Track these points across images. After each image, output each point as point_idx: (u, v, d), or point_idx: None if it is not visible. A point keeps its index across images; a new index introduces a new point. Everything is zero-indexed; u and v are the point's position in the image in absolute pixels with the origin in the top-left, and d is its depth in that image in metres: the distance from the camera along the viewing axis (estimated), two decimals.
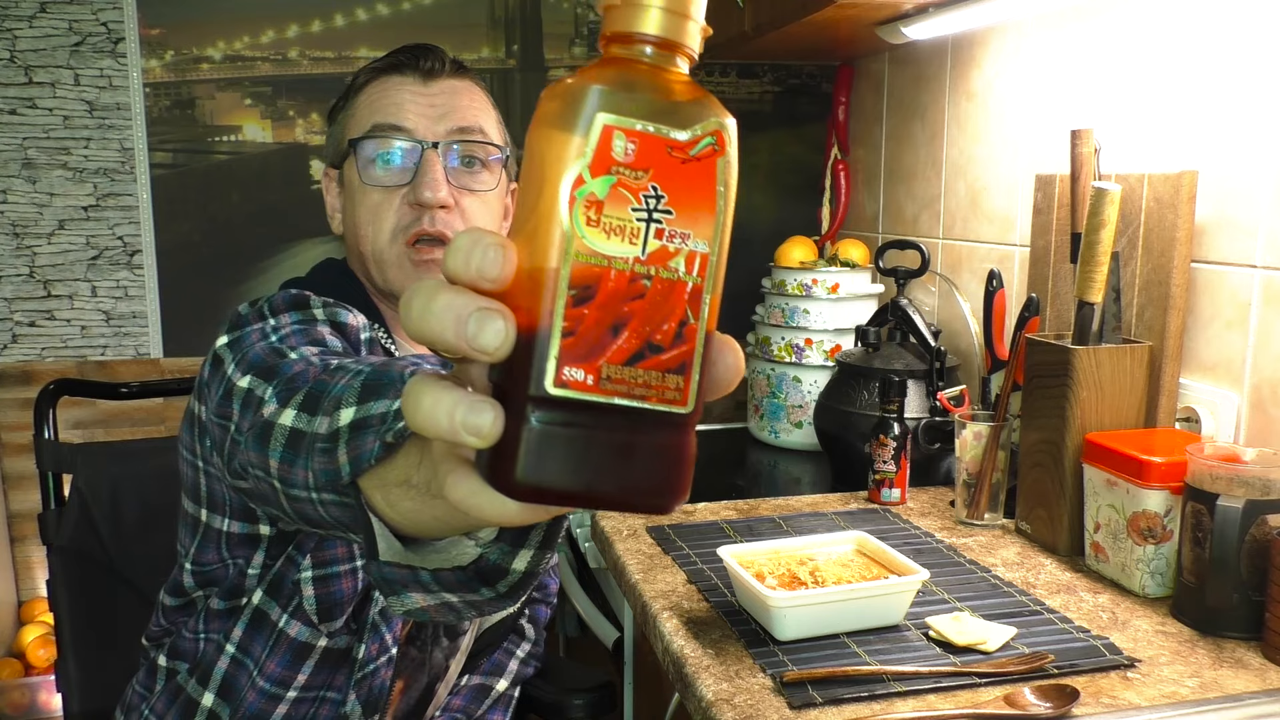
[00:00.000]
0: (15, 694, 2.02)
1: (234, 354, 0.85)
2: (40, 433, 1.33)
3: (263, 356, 0.81)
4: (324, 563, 0.93)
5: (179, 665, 1.02)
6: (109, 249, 2.12)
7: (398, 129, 0.98)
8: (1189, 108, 1.27)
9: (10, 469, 2.13)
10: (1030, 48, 1.59)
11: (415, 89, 1.00)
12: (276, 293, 0.94)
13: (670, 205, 0.36)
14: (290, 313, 0.88)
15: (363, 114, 1.01)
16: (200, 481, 0.97)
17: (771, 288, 1.97)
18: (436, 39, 2.20)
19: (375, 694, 0.97)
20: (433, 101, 0.99)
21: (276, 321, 0.87)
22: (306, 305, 0.91)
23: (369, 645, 0.96)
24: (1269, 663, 0.95)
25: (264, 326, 0.87)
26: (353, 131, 1.01)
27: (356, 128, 1.01)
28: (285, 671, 0.95)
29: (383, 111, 0.99)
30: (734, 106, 2.35)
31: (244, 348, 0.85)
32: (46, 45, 2.03)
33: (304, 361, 0.77)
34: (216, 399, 0.84)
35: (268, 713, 0.96)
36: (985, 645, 0.96)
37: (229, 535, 0.97)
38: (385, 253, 0.99)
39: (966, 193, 1.79)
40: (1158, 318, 1.25)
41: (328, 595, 0.93)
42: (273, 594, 0.95)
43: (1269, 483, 0.98)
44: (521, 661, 1.26)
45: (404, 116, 0.98)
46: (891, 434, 1.40)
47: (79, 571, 1.31)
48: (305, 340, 0.84)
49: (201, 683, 0.99)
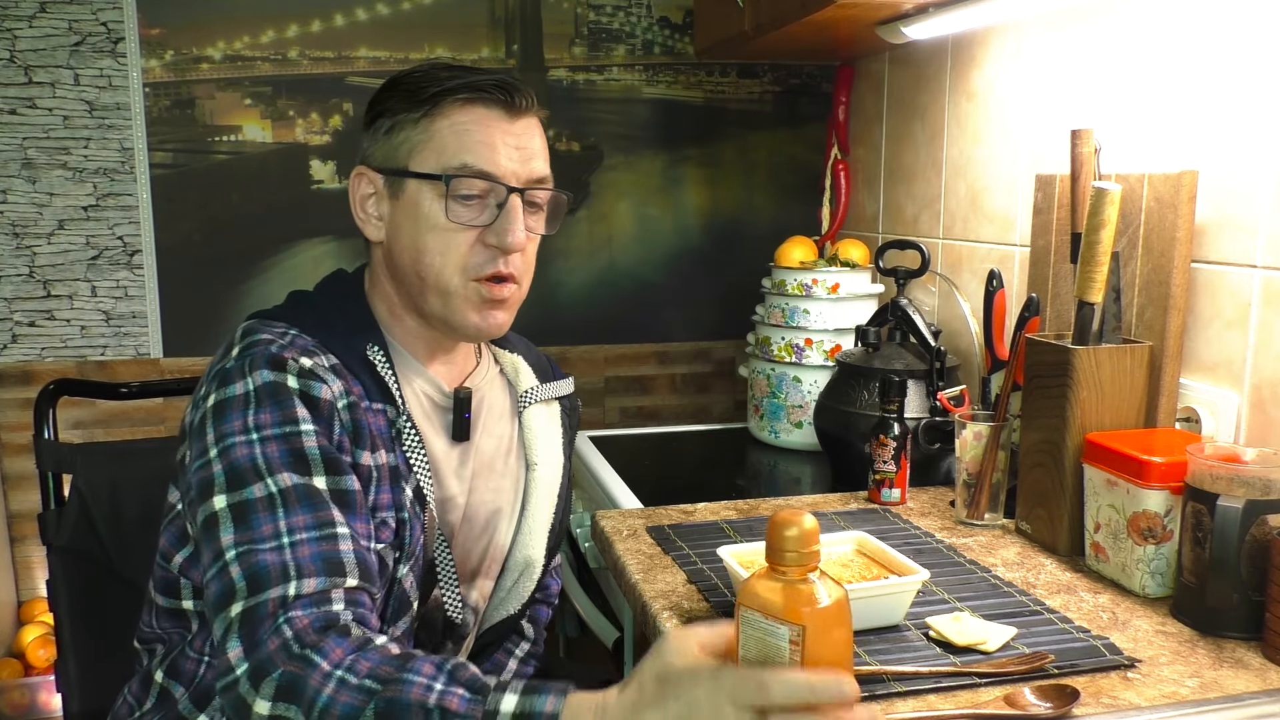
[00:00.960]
0: (15, 694, 2.02)
1: (217, 428, 0.92)
2: (40, 433, 1.33)
3: (241, 471, 0.90)
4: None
5: (174, 686, 1.02)
6: (109, 249, 2.12)
7: (492, 176, 1.00)
8: (1189, 108, 1.27)
9: (10, 469, 2.13)
10: (1030, 48, 1.59)
11: (504, 126, 1.01)
12: (258, 345, 0.96)
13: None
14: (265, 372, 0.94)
15: (450, 144, 1.00)
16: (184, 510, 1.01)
17: (771, 288, 1.97)
18: (436, 39, 2.22)
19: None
20: (519, 143, 1.02)
21: (258, 414, 0.92)
22: (283, 369, 0.94)
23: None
24: (1269, 663, 0.95)
25: (245, 417, 0.92)
26: (434, 158, 1.00)
27: (441, 156, 1.00)
28: None
29: (474, 151, 0.99)
30: (734, 106, 2.36)
31: (226, 433, 0.91)
32: (46, 45, 2.03)
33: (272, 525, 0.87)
34: (192, 475, 0.92)
35: None
36: (985, 645, 0.96)
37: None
38: (454, 286, 1.01)
39: (966, 193, 1.79)
40: (1158, 318, 1.25)
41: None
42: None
43: (1269, 483, 0.98)
44: (521, 661, 1.26)
45: (497, 162, 1.00)
46: (891, 434, 1.40)
47: (79, 571, 1.31)
48: (285, 453, 0.90)
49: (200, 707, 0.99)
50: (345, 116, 2.19)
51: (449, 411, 1.09)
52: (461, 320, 1.03)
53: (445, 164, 0.99)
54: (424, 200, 1.00)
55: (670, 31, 2.32)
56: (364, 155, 1.06)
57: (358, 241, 1.12)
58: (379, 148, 1.04)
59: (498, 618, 1.17)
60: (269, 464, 0.89)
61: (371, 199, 1.05)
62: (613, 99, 2.31)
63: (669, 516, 1.37)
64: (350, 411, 0.96)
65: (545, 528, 1.16)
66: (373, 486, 0.97)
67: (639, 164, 2.32)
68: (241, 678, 0.80)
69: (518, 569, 1.15)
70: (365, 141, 1.06)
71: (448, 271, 1.01)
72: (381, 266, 1.07)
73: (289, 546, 0.86)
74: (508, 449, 1.16)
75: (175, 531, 1.03)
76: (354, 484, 0.93)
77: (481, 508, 1.12)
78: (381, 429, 0.99)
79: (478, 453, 1.12)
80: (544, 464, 1.17)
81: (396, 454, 1.00)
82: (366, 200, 1.05)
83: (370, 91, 1.10)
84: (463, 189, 0.99)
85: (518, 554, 1.15)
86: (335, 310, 1.05)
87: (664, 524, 1.33)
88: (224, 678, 0.81)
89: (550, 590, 1.32)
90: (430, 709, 0.73)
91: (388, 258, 1.05)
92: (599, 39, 2.29)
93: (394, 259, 1.04)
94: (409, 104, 1.01)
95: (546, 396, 1.19)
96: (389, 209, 1.04)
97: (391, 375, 1.02)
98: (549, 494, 1.17)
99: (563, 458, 1.21)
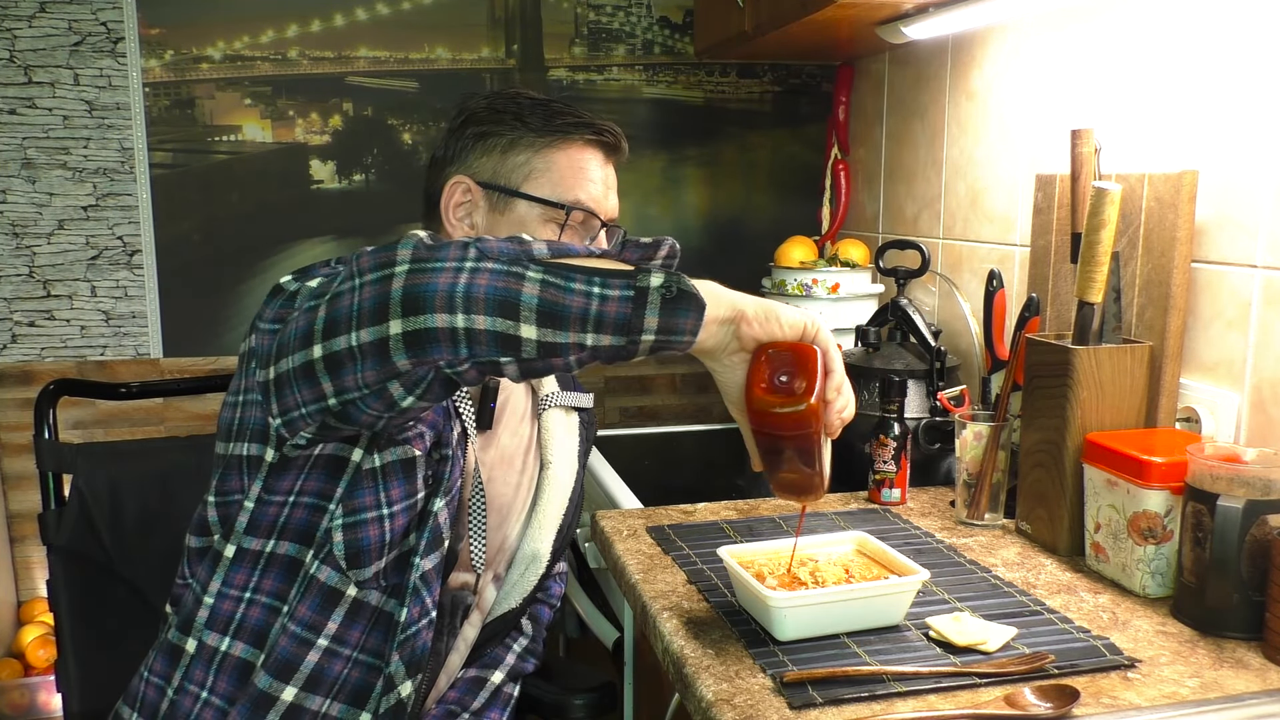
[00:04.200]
0: (15, 694, 2.02)
1: (299, 280, 0.93)
2: (40, 433, 1.33)
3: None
4: (353, 510, 0.97)
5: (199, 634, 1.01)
6: (109, 249, 2.12)
7: (595, 214, 1.11)
8: (1189, 108, 1.27)
9: (10, 469, 2.13)
10: (1030, 48, 1.59)
11: (605, 169, 1.14)
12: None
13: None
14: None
15: (567, 178, 1.10)
16: (234, 418, 1.00)
17: (771, 288, 1.97)
18: (436, 39, 2.22)
19: (418, 654, 1.01)
20: (610, 184, 1.15)
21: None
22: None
23: (410, 608, 1.00)
24: (1269, 663, 0.95)
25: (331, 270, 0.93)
26: (549, 187, 1.09)
27: (557, 187, 1.10)
28: (315, 616, 0.97)
29: (586, 189, 1.11)
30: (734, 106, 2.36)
31: (313, 276, 0.93)
32: (46, 45, 2.03)
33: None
34: (273, 308, 0.93)
35: (299, 657, 0.97)
36: (985, 645, 0.96)
37: (247, 460, 0.99)
38: None
39: (966, 193, 1.79)
40: (1158, 318, 1.25)
41: (355, 541, 0.97)
42: (302, 540, 0.98)
43: (1269, 483, 0.98)
44: (519, 656, 1.27)
45: (603, 203, 1.13)
46: (892, 434, 1.40)
47: (79, 571, 1.31)
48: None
49: (224, 632, 0.99)
50: (345, 116, 2.19)
51: (477, 401, 1.13)
52: None
53: (561, 195, 1.09)
54: (531, 222, 1.09)
55: (670, 31, 2.32)
56: (463, 165, 1.11)
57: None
58: (487, 162, 1.10)
59: (500, 611, 1.19)
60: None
61: (464, 207, 1.10)
62: (613, 99, 2.31)
63: (669, 517, 1.37)
64: None
65: (555, 525, 1.19)
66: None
67: (639, 164, 2.32)
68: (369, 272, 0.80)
69: (524, 562, 1.18)
70: (460, 151, 1.11)
71: None
72: None
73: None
74: (526, 448, 1.20)
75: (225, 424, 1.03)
76: None
77: (496, 499, 1.16)
78: None
79: (498, 445, 1.16)
80: (559, 464, 1.21)
81: (449, 401, 1.05)
82: (459, 207, 1.10)
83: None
84: (573, 221, 1.10)
85: (526, 546, 1.17)
86: None
87: (664, 524, 1.33)
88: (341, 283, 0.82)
89: (552, 592, 1.34)
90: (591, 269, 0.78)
91: None
92: (599, 39, 2.29)
93: None
94: (533, 130, 1.09)
95: (566, 403, 1.25)
96: (487, 221, 1.10)
97: None
98: (561, 493, 1.21)
99: (578, 464, 1.25)
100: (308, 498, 0.97)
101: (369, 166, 2.22)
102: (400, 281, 0.77)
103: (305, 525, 0.98)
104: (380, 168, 2.22)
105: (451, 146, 1.12)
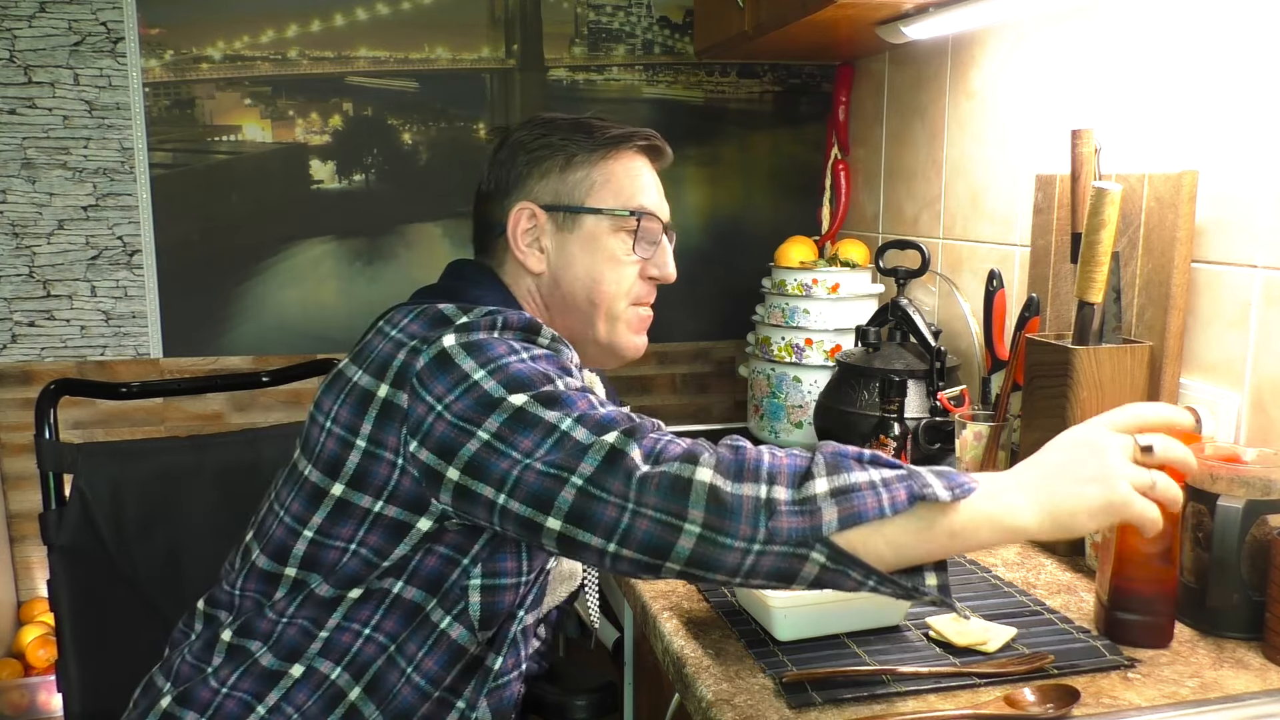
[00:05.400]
0: (15, 694, 2.02)
1: (476, 359, 0.91)
2: (40, 433, 1.33)
3: (529, 377, 0.89)
4: (494, 574, 0.98)
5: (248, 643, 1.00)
6: (109, 249, 2.12)
7: (658, 217, 1.13)
8: (1189, 108, 1.27)
9: (10, 469, 2.13)
10: (1030, 48, 1.59)
11: (654, 173, 1.16)
12: (501, 311, 0.98)
13: None
14: (521, 332, 0.96)
15: (626, 186, 1.11)
16: (350, 459, 0.96)
17: (771, 288, 1.97)
18: (436, 39, 2.22)
19: (506, 704, 1.04)
20: (660, 189, 1.16)
21: (517, 340, 0.95)
22: (537, 333, 0.98)
23: (506, 659, 1.02)
24: (1269, 663, 0.95)
25: (507, 341, 0.94)
26: (611, 197, 1.11)
27: (619, 196, 1.11)
28: (440, 671, 0.99)
29: (645, 194, 1.12)
30: (734, 106, 2.36)
31: (492, 357, 0.91)
32: (46, 45, 2.03)
33: (587, 400, 0.89)
34: (459, 402, 0.90)
35: (415, 708, 0.99)
36: (986, 646, 0.96)
37: (379, 516, 0.96)
38: (619, 310, 1.12)
39: (966, 193, 1.79)
40: (1158, 318, 1.25)
41: (492, 605, 0.98)
42: (432, 592, 0.97)
43: (1269, 483, 0.98)
44: (530, 659, 1.26)
45: (662, 208, 1.14)
46: (892, 434, 1.40)
47: (79, 571, 1.31)
48: (557, 368, 0.93)
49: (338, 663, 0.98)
50: (345, 116, 2.19)
51: None
52: (625, 342, 1.13)
53: (625, 204, 1.10)
54: (602, 234, 1.10)
55: (670, 31, 2.32)
56: (524, 193, 1.11)
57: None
58: (547, 185, 1.11)
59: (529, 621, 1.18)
60: (547, 373, 0.91)
61: (530, 232, 1.11)
62: (613, 99, 2.31)
63: None
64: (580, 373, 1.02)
65: None
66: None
67: None
68: (667, 464, 0.82)
69: (561, 579, 1.17)
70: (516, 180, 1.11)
71: (620, 299, 1.11)
72: (533, 294, 1.12)
73: (608, 410, 0.89)
74: None
75: (305, 497, 1.00)
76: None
77: None
78: None
79: None
80: None
81: None
82: (526, 234, 1.11)
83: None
84: (646, 227, 1.11)
85: (564, 564, 1.15)
86: (508, 304, 1.10)
87: None
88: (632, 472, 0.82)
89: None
90: (864, 458, 0.82)
91: (551, 287, 1.11)
92: (599, 39, 2.29)
93: (561, 287, 1.11)
94: (584, 147, 1.11)
95: None
96: (556, 242, 1.10)
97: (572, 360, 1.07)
98: None
99: None
100: (444, 548, 0.97)
101: (369, 166, 2.22)
102: (689, 542, 0.80)
103: (437, 575, 0.97)
104: (380, 168, 2.22)
105: (503, 178, 1.12)
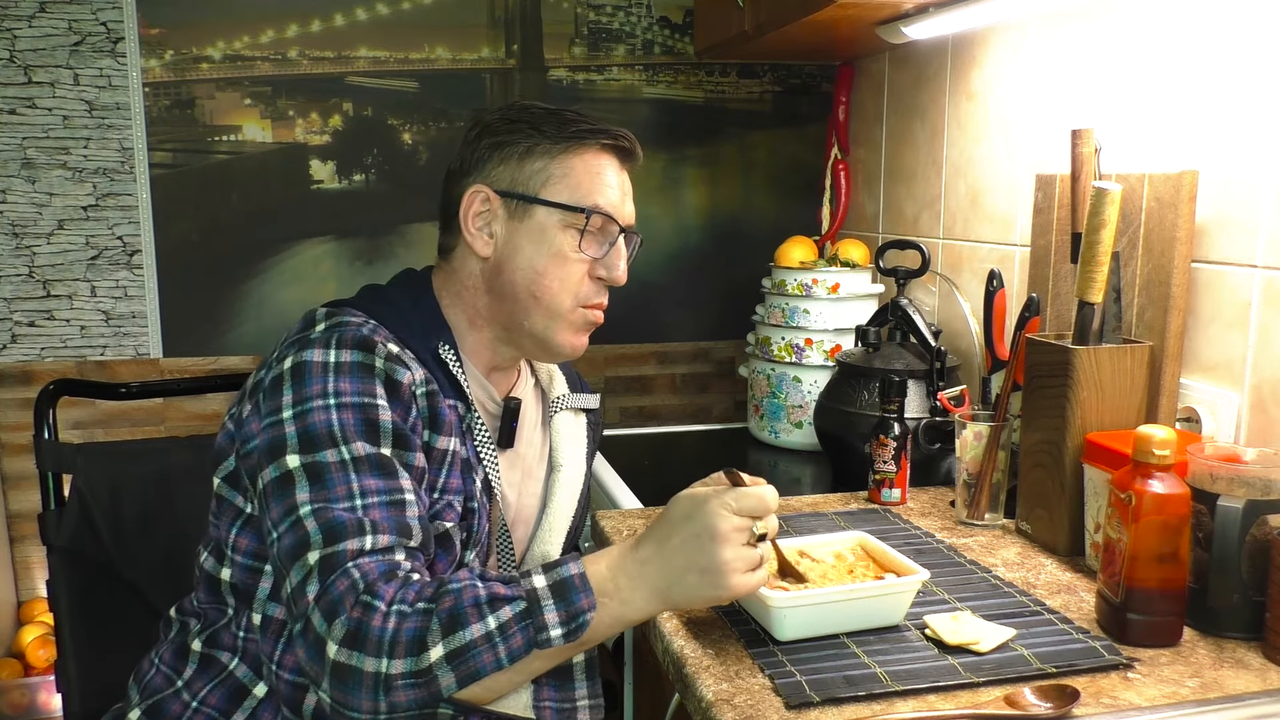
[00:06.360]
0: (15, 694, 2.02)
1: (295, 392, 0.96)
2: (40, 433, 1.33)
3: (317, 435, 0.94)
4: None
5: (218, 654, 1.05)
6: (108, 249, 2.12)
7: (613, 218, 1.11)
8: (1189, 108, 1.27)
9: (10, 469, 2.13)
10: (1030, 48, 1.59)
11: (621, 175, 1.14)
12: (348, 325, 1.01)
13: None
14: (355, 352, 0.98)
15: (584, 183, 1.09)
16: (240, 469, 1.02)
17: (771, 288, 1.97)
18: (436, 39, 2.22)
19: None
20: (626, 191, 1.14)
21: (337, 381, 0.97)
22: (371, 351, 0.99)
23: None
24: (1269, 663, 0.95)
25: (325, 382, 0.96)
26: (567, 192, 1.09)
27: (575, 192, 1.09)
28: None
29: (604, 194, 1.10)
30: (734, 106, 2.36)
31: (305, 396, 0.96)
32: (46, 45, 2.03)
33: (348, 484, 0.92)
34: (264, 434, 0.96)
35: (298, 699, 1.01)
36: (978, 646, 0.95)
37: (250, 518, 1.04)
38: (563, 310, 1.10)
39: (967, 193, 1.79)
40: (1158, 318, 1.25)
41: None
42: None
43: (1269, 483, 0.98)
44: None
45: (621, 209, 1.12)
46: (892, 434, 1.40)
47: (79, 571, 1.31)
48: (360, 422, 0.95)
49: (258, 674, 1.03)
50: (345, 116, 2.19)
51: (498, 419, 1.15)
52: (559, 340, 1.12)
53: (579, 200, 1.08)
54: (551, 228, 1.09)
55: (670, 31, 2.32)
56: (481, 175, 1.11)
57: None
58: (504, 171, 1.10)
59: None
60: (344, 431, 0.94)
61: (482, 215, 1.10)
62: (613, 99, 2.31)
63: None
64: (429, 399, 1.03)
65: (565, 527, 1.20)
66: (444, 470, 1.04)
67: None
68: (315, 617, 0.86)
69: (533, 565, 1.17)
70: (477, 162, 1.11)
71: (563, 296, 1.10)
72: (476, 278, 1.12)
73: (361, 508, 0.91)
74: (540, 455, 1.22)
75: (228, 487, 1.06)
76: (419, 461, 1.00)
77: (524, 511, 1.18)
78: (454, 422, 1.06)
79: (520, 460, 1.18)
80: (569, 465, 1.22)
81: (468, 446, 1.07)
82: (477, 216, 1.10)
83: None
84: (598, 227, 1.10)
85: (535, 549, 1.18)
86: (411, 307, 1.10)
87: None
88: (298, 621, 0.87)
89: None
90: (482, 601, 0.85)
91: (493, 273, 1.11)
92: (599, 39, 2.29)
93: (503, 275, 1.10)
94: (549, 137, 1.09)
95: (576, 405, 1.26)
96: (506, 229, 1.10)
97: (462, 374, 1.08)
98: (571, 495, 1.21)
99: (585, 465, 1.25)
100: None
101: (369, 166, 2.22)
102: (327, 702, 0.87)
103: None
104: (380, 168, 2.22)
105: (468, 158, 1.12)
